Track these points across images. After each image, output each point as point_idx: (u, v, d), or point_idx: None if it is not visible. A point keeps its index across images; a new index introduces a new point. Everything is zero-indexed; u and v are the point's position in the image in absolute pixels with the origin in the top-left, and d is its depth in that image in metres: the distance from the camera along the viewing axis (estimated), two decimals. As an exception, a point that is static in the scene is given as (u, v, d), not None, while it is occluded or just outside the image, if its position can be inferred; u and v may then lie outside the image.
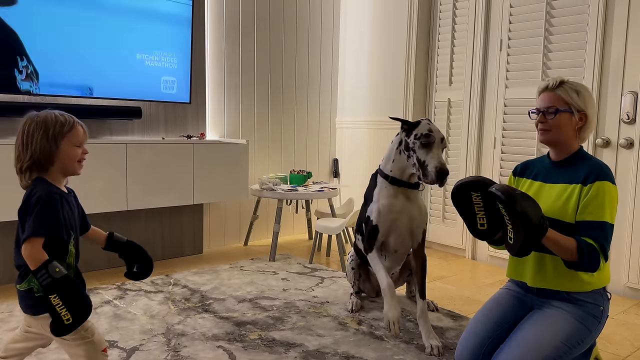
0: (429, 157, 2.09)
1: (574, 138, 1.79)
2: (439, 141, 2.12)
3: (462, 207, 1.83)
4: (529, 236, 1.59)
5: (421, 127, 2.14)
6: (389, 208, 2.24)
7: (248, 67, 4.00)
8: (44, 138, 1.45)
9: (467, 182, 1.79)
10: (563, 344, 1.70)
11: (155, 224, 3.51)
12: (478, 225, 1.80)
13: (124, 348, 2.10)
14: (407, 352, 2.13)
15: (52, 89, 2.96)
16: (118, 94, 3.19)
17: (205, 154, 3.43)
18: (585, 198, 1.70)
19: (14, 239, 1.53)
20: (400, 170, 2.24)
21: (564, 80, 1.81)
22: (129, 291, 2.82)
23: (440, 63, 3.90)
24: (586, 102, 1.77)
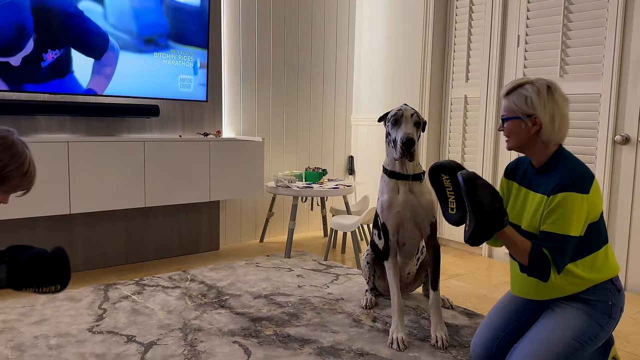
0: (397, 132, 2.14)
1: (536, 143, 1.73)
2: (409, 116, 2.15)
3: (437, 190, 1.87)
4: (479, 224, 1.61)
5: (392, 111, 2.21)
6: (389, 202, 2.24)
7: (264, 65, 4.02)
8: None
9: (439, 164, 1.84)
10: (574, 341, 1.70)
11: (172, 220, 3.55)
12: (449, 209, 1.84)
13: (142, 342, 2.14)
14: (421, 349, 2.13)
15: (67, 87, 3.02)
16: (136, 92, 3.24)
17: (221, 151, 3.46)
18: (547, 208, 1.67)
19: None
20: (392, 162, 2.26)
21: (521, 84, 1.74)
22: (147, 287, 2.86)
23: (456, 59, 3.87)
24: (536, 107, 1.69)
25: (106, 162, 2.98)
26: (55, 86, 2.93)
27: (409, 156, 2.10)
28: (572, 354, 1.70)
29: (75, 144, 2.88)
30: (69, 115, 3.08)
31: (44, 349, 2.07)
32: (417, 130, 2.17)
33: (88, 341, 2.15)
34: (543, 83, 1.72)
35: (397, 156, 2.12)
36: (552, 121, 1.70)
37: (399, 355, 2.07)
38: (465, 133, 3.80)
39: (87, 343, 2.13)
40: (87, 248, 3.20)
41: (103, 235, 3.26)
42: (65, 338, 2.17)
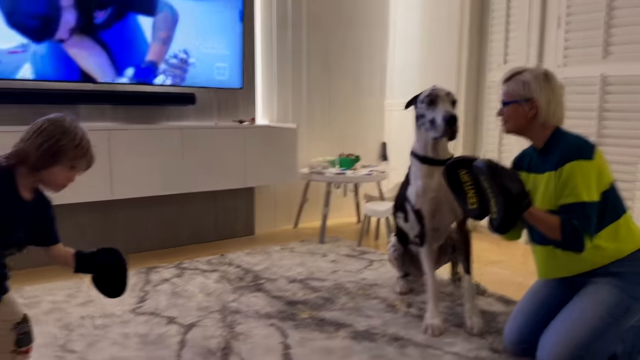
0: (436, 112, 2.10)
1: (533, 126, 1.82)
2: (444, 95, 2.13)
3: (454, 186, 1.88)
4: (509, 208, 1.63)
5: (423, 92, 2.19)
6: (424, 188, 2.22)
7: (297, 52, 4.03)
8: (48, 148, 1.36)
9: (456, 159, 1.86)
10: (608, 315, 1.72)
11: (209, 206, 3.63)
12: (469, 204, 1.84)
13: (182, 324, 2.22)
14: (456, 336, 2.13)
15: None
16: (173, 81, 3.30)
17: (256, 138, 3.50)
18: (558, 182, 1.73)
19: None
20: (424, 146, 2.23)
21: (519, 71, 1.84)
22: (186, 270, 2.95)
23: (494, 42, 3.78)
24: (533, 91, 1.79)
25: (146, 149, 3.06)
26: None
27: (451, 134, 2.07)
28: (606, 329, 1.71)
29: (116, 132, 2.96)
30: (109, 104, 3.17)
31: (90, 328, 2.17)
32: (453, 109, 2.16)
33: (131, 322, 2.23)
34: (540, 70, 1.85)
35: (438, 135, 2.09)
36: (548, 105, 1.80)
37: (434, 341, 2.07)
38: (502, 118, 3.72)
39: (130, 324, 2.22)
40: (128, 233, 3.31)
41: (143, 220, 3.36)
42: (110, 318, 2.27)
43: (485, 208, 1.78)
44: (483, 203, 1.78)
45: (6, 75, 2.77)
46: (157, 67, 3.22)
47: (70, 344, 2.03)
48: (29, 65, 2.82)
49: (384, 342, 2.06)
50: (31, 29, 2.79)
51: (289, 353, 1.97)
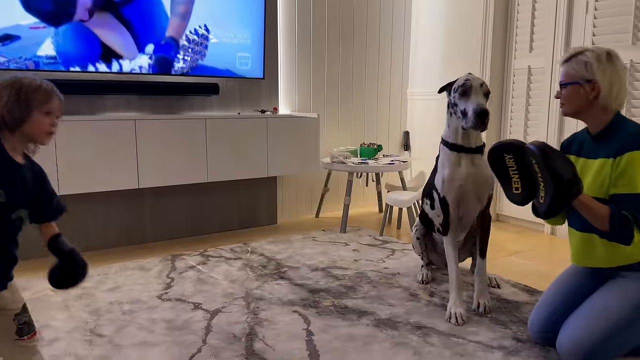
0: (468, 103, 2.07)
1: (593, 109, 1.74)
2: (478, 86, 2.09)
3: (498, 170, 1.84)
4: (558, 193, 1.59)
5: (458, 80, 2.15)
6: (451, 176, 2.21)
7: (319, 41, 4.02)
8: (15, 100, 1.35)
9: (502, 143, 1.81)
10: (632, 311, 1.69)
11: (232, 195, 3.67)
12: (513, 189, 1.81)
13: (208, 310, 2.26)
14: (480, 324, 2.12)
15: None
16: (197, 71, 3.33)
17: (278, 128, 3.52)
18: (616, 171, 1.67)
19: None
20: (455, 134, 2.21)
21: (580, 51, 1.75)
22: (210, 257, 3.00)
23: (519, 28, 3.71)
24: (595, 72, 1.70)
25: (171, 139, 3.11)
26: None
27: (482, 127, 2.05)
28: (629, 325, 1.69)
29: (142, 121, 3.01)
30: (135, 94, 3.22)
31: (118, 314, 2.23)
32: (486, 101, 2.13)
33: (158, 307, 2.29)
34: (603, 50, 1.74)
35: (468, 125, 2.06)
36: (611, 87, 1.71)
37: (458, 330, 2.07)
38: (528, 106, 3.66)
39: (157, 309, 2.27)
40: (154, 221, 3.37)
41: (169, 209, 3.42)
42: (137, 304, 2.32)
43: (529, 194, 1.75)
44: (527, 189, 1.75)
45: (28, 52, 2.77)
46: (177, 43, 3.23)
47: (99, 328, 2.09)
48: (50, 41, 2.82)
49: (407, 331, 2.06)
50: (48, 14, 2.80)
51: (312, 339, 1.99)
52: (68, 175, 2.81)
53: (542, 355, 1.86)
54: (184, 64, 3.27)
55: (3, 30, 2.70)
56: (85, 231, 3.13)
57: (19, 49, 2.76)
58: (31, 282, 2.50)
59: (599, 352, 1.71)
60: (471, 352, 1.89)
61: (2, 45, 2.71)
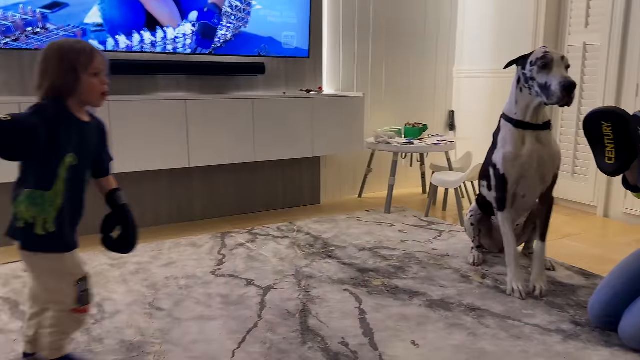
0: (551, 77, 1.96)
1: None
2: (559, 59, 1.99)
3: (592, 138, 1.77)
4: None
5: (535, 53, 2.05)
6: (514, 154, 2.14)
7: (364, 19, 3.96)
8: (61, 66, 1.37)
9: (600, 110, 1.73)
10: None
11: (278, 174, 3.70)
12: (606, 158, 1.74)
13: (261, 286, 2.30)
14: (535, 307, 2.08)
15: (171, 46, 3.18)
16: (240, 39, 3.33)
17: (323, 107, 3.50)
18: None
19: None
20: (523, 111, 2.12)
21: None
22: (258, 235, 3.04)
23: (575, 2, 3.55)
24: None
25: (219, 118, 3.15)
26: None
27: (568, 101, 1.95)
28: None
29: (192, 101, 3.06)
30: (184, 74, 3.26)
31: (174, 288, 2.29)
32: (567, 73, 2.02)
33: (213, 283, 2.34)
34: None
35: (552, 102, 1.97)
36: None
37: (513, 312, 2.04)
38: (583, 84, 3.52)
39: (212, 284, 2.32)
40: (203, 199, 3.44)
41: (217, 187, 3.48)
42: (192, 280, 2.39)
43: (623, 165, 1.69)
44: (622, 159, 1.69)
45: (76, 19, 2.81)
46: (219, 10, 3.22)
47: (158, 302, 2.16)
48: (96, 8, 2.87)
49: (461, 312, 2.05)
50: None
51: (365, 318, 2.00)
52: (121, 153, 2.88)
53: (603, 340, 1.81)
54: (226, 31, 3.27)
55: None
56: (137, 208, 3.21)
57: (67, 16, 2.81)
58: (90, 257, 2.60)
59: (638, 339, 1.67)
60: (528, 334, 1.87)
61: (51, 13, 2.77)
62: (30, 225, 1.40)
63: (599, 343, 1.80)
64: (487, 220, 2.55)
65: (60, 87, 1.39)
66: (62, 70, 1.38)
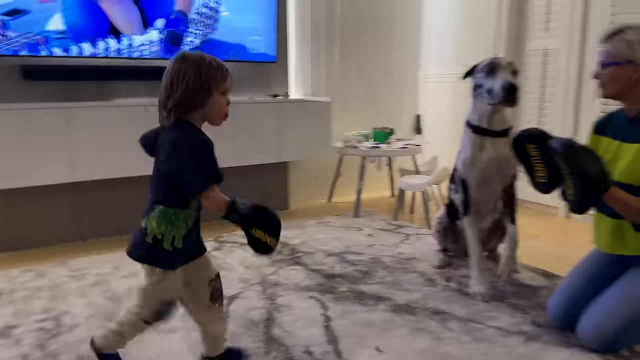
0: (495, 80, 2.03)
1: (634, 91, 1.65)
2: (505, 64, 2.06)
3: (522, 160, 1.81)
4: (587, 191, 1.54)
5: (483, 61, 2.12)
6: (472, 159, 2.19)
7: (331, 24, 3.96)
8: (197, 80, 1.37)
9: (523, 135, 1.76)
10: None
11: (244, 180, 3.66)
12: (537, 178, 1.78)
13: (225, 295, 2.25)
14: (499, 310, 2.11)
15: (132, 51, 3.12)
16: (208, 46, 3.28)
17: (290, 112, 3.49)
18: None
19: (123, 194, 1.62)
20: (481, 117, 2.17)
21: (621, 29, 1.66)
22: (225, 243, 3.00)
23: (535, 7, 3.63)
24: (637, 52, 1.61)
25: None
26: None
27: (510, 103, 2.00)
28: None
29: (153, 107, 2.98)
30: (148, 80, 3.19)
31: (136, 299, 2.23)
32: (514, 78, 2.07)
33: (175, 293, 2.29)
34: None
35: (494, 101, 2.02)
36: None
37: (476, 315, 2.06)
38: (544, 88, 3.60)
39: (175, 295, 2.27)
40: (167, 207, 3.37)
41: (181, 195, 3.41)
42: (154, 290, 2.33)
43: (554, 183, 1.72)
44: (552, 178, 1.71)
45: (37, 26, 2.74)
46: (186, 17, 3.18)
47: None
48: (59, 15, 2.79)
49: (425, 316, 2.06)
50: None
51: (330, 325, 1.99)
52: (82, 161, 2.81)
53: (563, 341, 1.85)
54: (194, 38, 3.23)
55: (12, 5, 2.67)
56: (100, 218, 3.14)
57: (29, 23, 2.73)
58: (48, 269, 2.51)
59: (620, 339, 1.70)
60: (490, 337, 1.89)
61: (12, 20, 2.69)
62: (159, 241, 1.43)
63: (558, 344, 1.83)
64: (453, 227, 2.58)
65: (191, 102, 1.38)
66: (198, 85, 1.37)
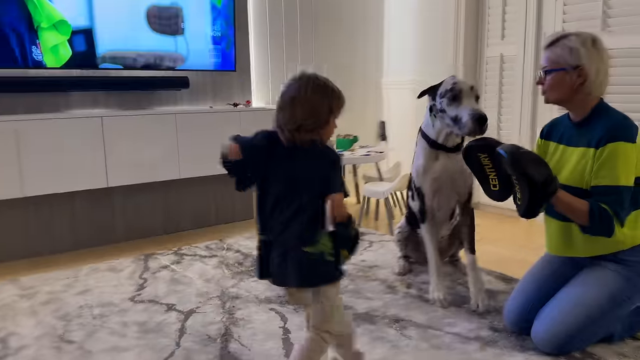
0: (461, 109, 1.96)
1: (578, 96, 1.68)
2: (468, 90, 1.99)
3: (475, 169, 1.83)
4: (533, 195, 1.57)
5: (444, 84, 2.06)
6: (425, 168, 2.18)
7: (291, 32, 3.95)
8: (324, 104, 1.45)
9: (473, 145, 1.78)
10: (608, 302, 1.70)
11: (207, 190, 3.60)
12: (491, 186, 1.80)
13: (182, 311, 2.21)
14: (457, 316, 2.12)
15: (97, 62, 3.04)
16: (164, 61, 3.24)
17: (252, 121, 3.45)
18: (597, 161, 1.63)
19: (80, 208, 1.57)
20: (438, 134, 2.15)
21: (563, 35, 1.69)
22: (185, 256, 2.93)
23: (491, 16, 3.70)
24: (581, 57, 1.63)
25: (140, 135, 3.02)
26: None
27: (480, 133, 1.93)
28: (604, 314, 1.70)
29: (109, 118, 2.92)
30: (99, 90, 3.11)
31: (88, 318, 2.16)
32: (478, 104, 2.03)
33: (130, 310, 2.22)
34: (588, 35, 1.67)
35: (464, 132, 1.94)
36: (597, 74, 1.65)
37: (435, 322, 2.06)
38: (501, 94, 3.67)
39: (129, 312, 2.20)
40: (126, 220, 3.29)
41: (141, 207, 3.34)
42: (108, 307, 2.25)
43: (507, 190, 1.73)
44: (505, 185, 1.73)
45: None
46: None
47: (68, 334, 2.02)
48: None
49: (385, 324, 2.05)
50: None
51: (289, 337, 1.96)
52: (33, 175, 2.71)
53: (519, 345, 1.86)
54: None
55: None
56: (53, 233, 3.04)
57: None
58: (-3, 289, 2.41)
59: (573, 341, 1.73)
60: (448, 343, 1.89)
61: None
62: (331, 258, 1.42)
63: (514, 348, 1.84)
64: (414, 235, 2.58)
65: (316, 124, 1.42)
66: (324, 108, 1.44)
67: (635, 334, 1.86)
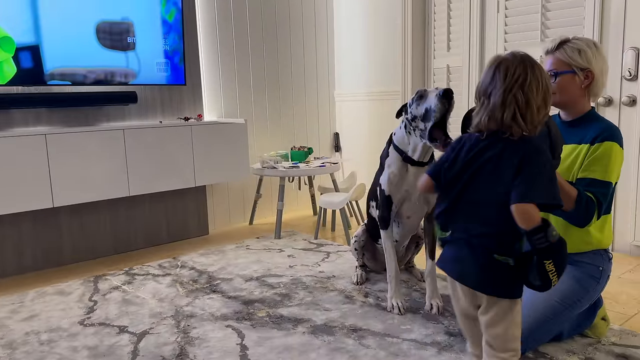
0: (428, 99, 2.00)
1: (583, 97, 1.76)
2: (433, 89, 2.05)
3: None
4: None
5: (414, 95, 2.11)
6: (398, 177, 2.20)
7: (242, 45, 3.94)
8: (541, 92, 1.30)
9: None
10: (558, 303, 1.74)
11: (159, 207, 3.51)
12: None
13: (134, 332, 2.13)
14: (413, 322, 2.14)
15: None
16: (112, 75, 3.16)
17: (204, 135, 3.41)
18: (591, 156, 1.69)
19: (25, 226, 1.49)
20: (413, 149, 2.17)
21: (567, 39, 1.76)
22: (137, 276, 2.84)
23: (437, 28, 3.82)
24: (589, 59, 1.71)
25: (86, 152, 2.92)
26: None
27: (448, 105, 1.95)
28: (556, 316, 1.74)
29: (53, 136, 2.81)
30: (44, 107, 3.00)
31: (35, 345, 2.05)
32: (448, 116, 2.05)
33: (80, 334, 2.13)
34: (589, 39, 1.76)
35: (437, 116, 1.96)
36: (602, 75, 1.73)
37: (392, 329, 2.08)
38: (449, 103, 3.77)
39: (78, 336, 2.11)
40: (74, 240, 3.16)
41: (90, 226, 3.22)
42: (56, 332, 2.15)
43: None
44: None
45: None
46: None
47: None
48: None
49: (343, 335, 2.05)
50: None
51: (247, 354, 1.92)
52: (-30, 198, 2.57)
53: (473, 347, 1.89)
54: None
55: None
56: None
57: None
58: None
59: (526, 342, 1.77)
60: (405, 350, 1.91)
61: None
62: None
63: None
64: (372, 244, 2.60)
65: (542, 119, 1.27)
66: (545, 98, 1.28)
67: (583, 331, 1.94)
